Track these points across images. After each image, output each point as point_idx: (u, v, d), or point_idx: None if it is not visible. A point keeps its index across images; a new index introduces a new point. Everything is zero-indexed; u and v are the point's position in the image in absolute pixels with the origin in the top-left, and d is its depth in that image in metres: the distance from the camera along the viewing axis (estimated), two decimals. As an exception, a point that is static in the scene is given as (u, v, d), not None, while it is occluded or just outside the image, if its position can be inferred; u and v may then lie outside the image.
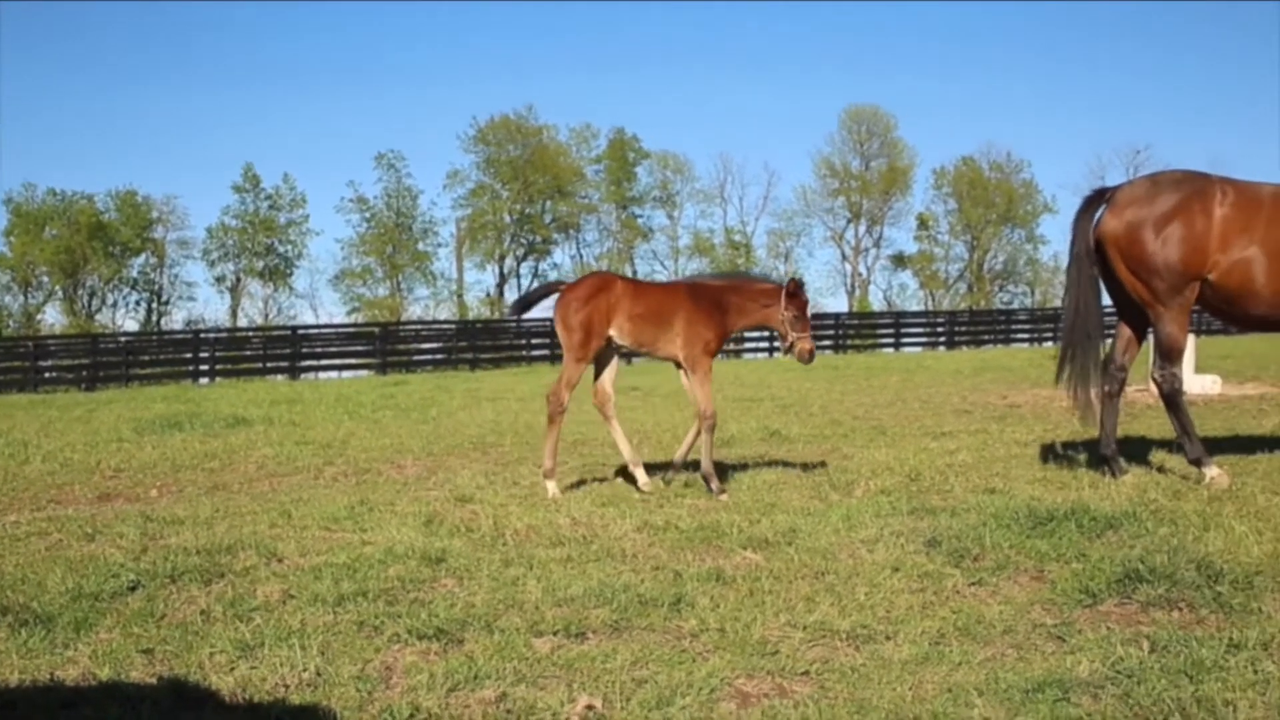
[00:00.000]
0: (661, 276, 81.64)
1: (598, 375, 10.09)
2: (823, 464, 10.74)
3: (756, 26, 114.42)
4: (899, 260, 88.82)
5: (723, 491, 9.31)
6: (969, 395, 20.21)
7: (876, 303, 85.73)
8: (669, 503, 9.03)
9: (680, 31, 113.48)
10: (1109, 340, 10.07)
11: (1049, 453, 11.04)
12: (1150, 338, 9.95)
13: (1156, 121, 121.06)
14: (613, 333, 9.67)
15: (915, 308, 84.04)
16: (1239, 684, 4.39)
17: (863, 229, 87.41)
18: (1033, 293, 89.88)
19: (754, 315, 9.98)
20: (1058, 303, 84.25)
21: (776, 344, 51.46)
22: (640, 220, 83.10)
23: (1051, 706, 4.27)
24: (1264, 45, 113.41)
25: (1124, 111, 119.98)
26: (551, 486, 9.66)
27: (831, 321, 55.60)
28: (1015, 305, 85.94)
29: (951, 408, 17.81)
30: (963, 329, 58.73)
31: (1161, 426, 10.84)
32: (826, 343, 53.03)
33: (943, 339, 55.99)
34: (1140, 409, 16.06)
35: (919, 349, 53.32)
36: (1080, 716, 4.16)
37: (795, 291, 9.78)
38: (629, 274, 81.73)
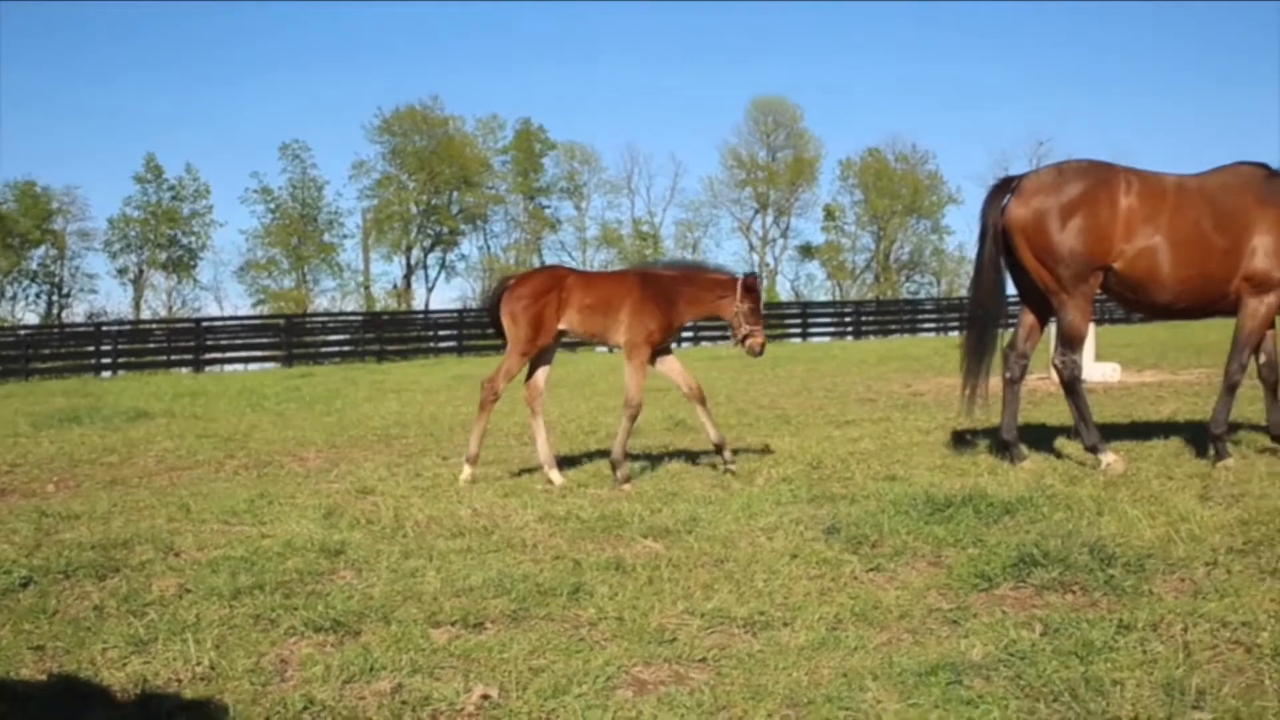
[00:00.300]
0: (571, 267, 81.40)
1: (532, 371, 10.06)
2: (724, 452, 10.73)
3: (662, 17, 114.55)
4: (806, 251, 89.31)
5: (626, 480, 9.32)
6: (873, 384, 20.39)
7: (784, 293, 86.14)
8: (572, 493, 9.02)
9: (586, 22, 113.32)
10: (1012, 328, 10.18)
11: (950, 440, 11.16)
12: (1052, 325, 10.06)
13: (1059, 113, 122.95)
14: (563, 326, 9.73)
15: (823, 298, 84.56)
16: (1128, 664, 4.45)
17: (770, 220, 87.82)
18: (939, 282, 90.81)
19: (706, 306, 9.96)
20: (963, 292, 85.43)
21: (685, 333, 51.81)
22: (548, 211, 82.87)
23: (944, 689, 4.30)
24: (1164, 38, 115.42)
25: (1027, 103, 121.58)
26: (468, 472, 9.72)
27: (739, 312, 55.67)
28: (921, 295, 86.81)
29: (856, 396, 17.96)
30: (869, 319, 59.17)
31: (1061, 413, 10.99)
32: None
33: (850, 329, 56.36)
34: (1041, 396, 16.28)
35: (827, 339, 53.68)
36: (972, 698, 4.19)
37: (751, 285, 9.82)
38: (537, 265, 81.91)
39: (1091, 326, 19.65)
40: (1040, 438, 10.91)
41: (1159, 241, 9.11)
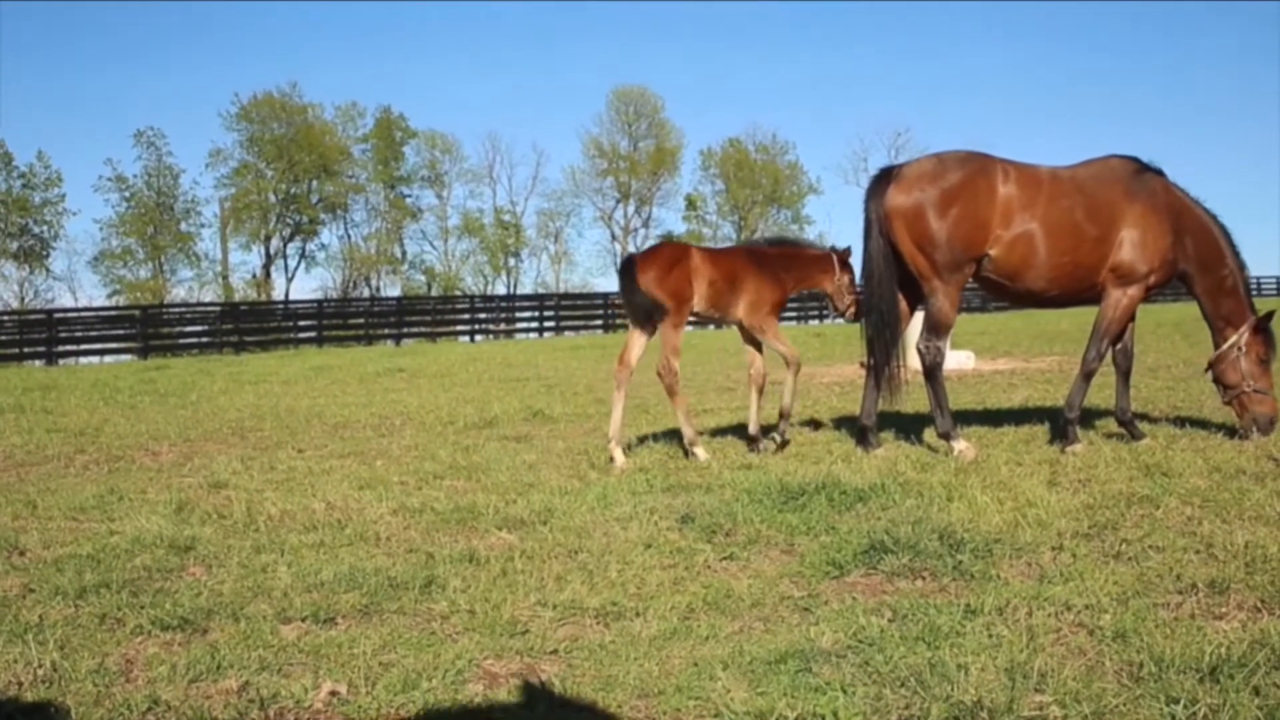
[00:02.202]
0: (431, 257, 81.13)
1: (627, 349, 10.12)
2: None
3: (523, 4, 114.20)
4: (668, 240, 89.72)
5: (785, 443, 9.98)
6: (733, 373, 20.48)
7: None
8: (427, 485, 8.93)
9: (447, 9, 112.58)
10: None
11: (806, 427, 11.25)
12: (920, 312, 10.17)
13: (917, 105, 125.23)
14: (695, 300, 9.85)
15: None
16: (973, 648, 4.50)
17: (632, 209, 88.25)
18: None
19: (811, 280, 10.51)
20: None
21: (548, 324, 51.77)
22: (409, 200, 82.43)
23: (793, 677, 4.31)
24: (1020, 31, 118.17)
25: (886, 95, 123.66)
26: (701, 454, 9.64)
27: (601, 302, 55.92)
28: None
29: (715, 385, 18.06)
30: (732, 308, 59.49)
31: (918, 401, 11.12)
32: (597, 323, 53.38)
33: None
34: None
35: (689, 328, 53.85)
36: (820, 686, 4.21)
37: (846, 259, 10.39)
38: (399, 254, 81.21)
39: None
40: (897, 424, 11.05)
41: (1035, 229, 9.29)
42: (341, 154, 77.40)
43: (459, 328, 53.05)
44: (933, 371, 9.63)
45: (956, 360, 19.56)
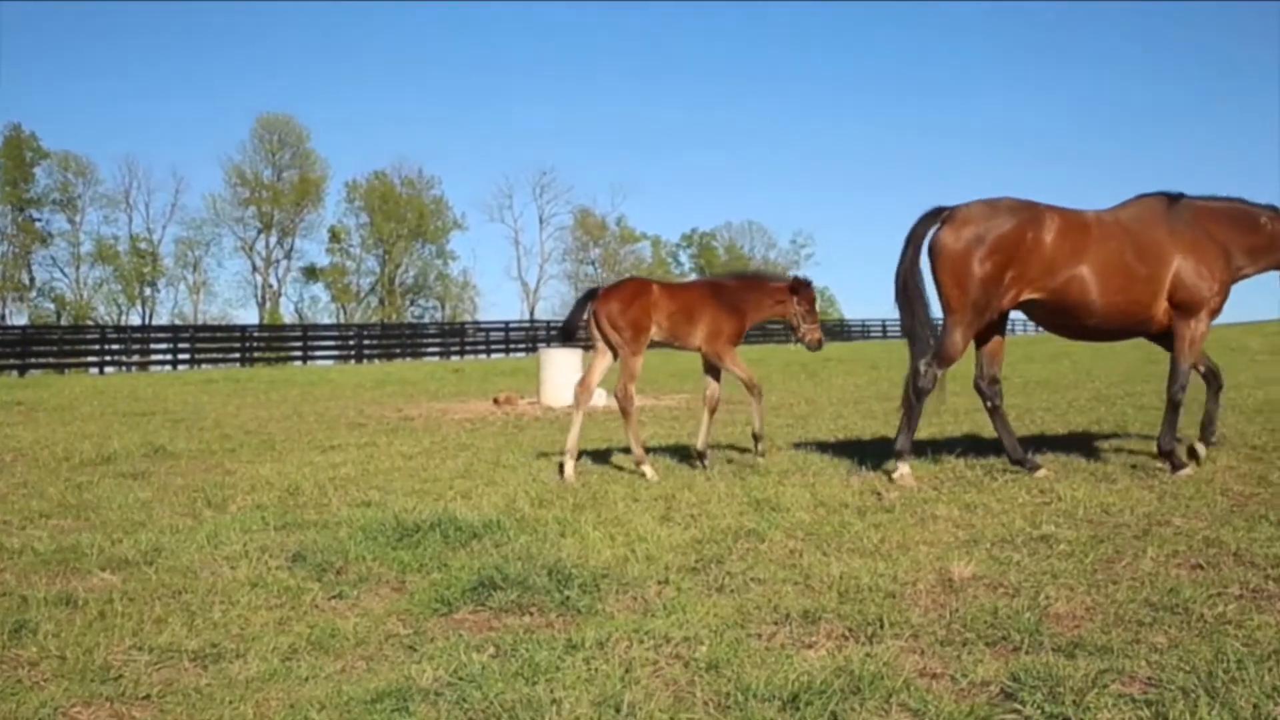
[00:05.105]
0: (61, 285, 77.52)
1: (590, 372, 10.85)
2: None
3: (167, 21, 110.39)
4: (311, 273, 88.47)
5: (763, 454, 10.90)
6: (366, 408, 20.29)
7: (288, 315, 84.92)
8: (31, 524, 8.50)
9: (84, 20, 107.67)
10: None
11: (428, 461, 11.23)
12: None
13: (558, 144, 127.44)
14: (652, 329, 10.56)
15: (327, 320, 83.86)
16: (570, 682, 4.56)
17: (274, 240, 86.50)
18: (443, 307, 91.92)
19: (768, 310, 11.14)
20: (467, 317, 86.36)
21: (183, 356, 49.96)
22: (39, 224, 78.40)
23: (389, 715, 4.28)
24: (673, 75, 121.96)
25: (530, 134, 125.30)
26: (650, 472, 10.30)
27: (239, 334, 54.54)
28: (426, 319, 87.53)
29: (346, 421, 17.80)
30: (373, 343, 59.17)
31: (606, 436, 11.23)
32: (235, 356, 52.00)
33: (353, 352, 56.08)
34: (529, 420, 16.63)
35: (330, 362, 53.23)
36: (415, 723, 4.19)
37: (800, 289, 11.04)
38: (26, 281, 77.01)
39: (579, 354, 20.37)
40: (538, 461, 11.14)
41: (1086, 271, 9.68)
42: (-35, 173, 73.11)
43: (89, 359, 50.49)
44: (920, 395, 9.96)
45: (598, 398, 19.88)
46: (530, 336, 64.85)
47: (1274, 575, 5.99)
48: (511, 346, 63.28)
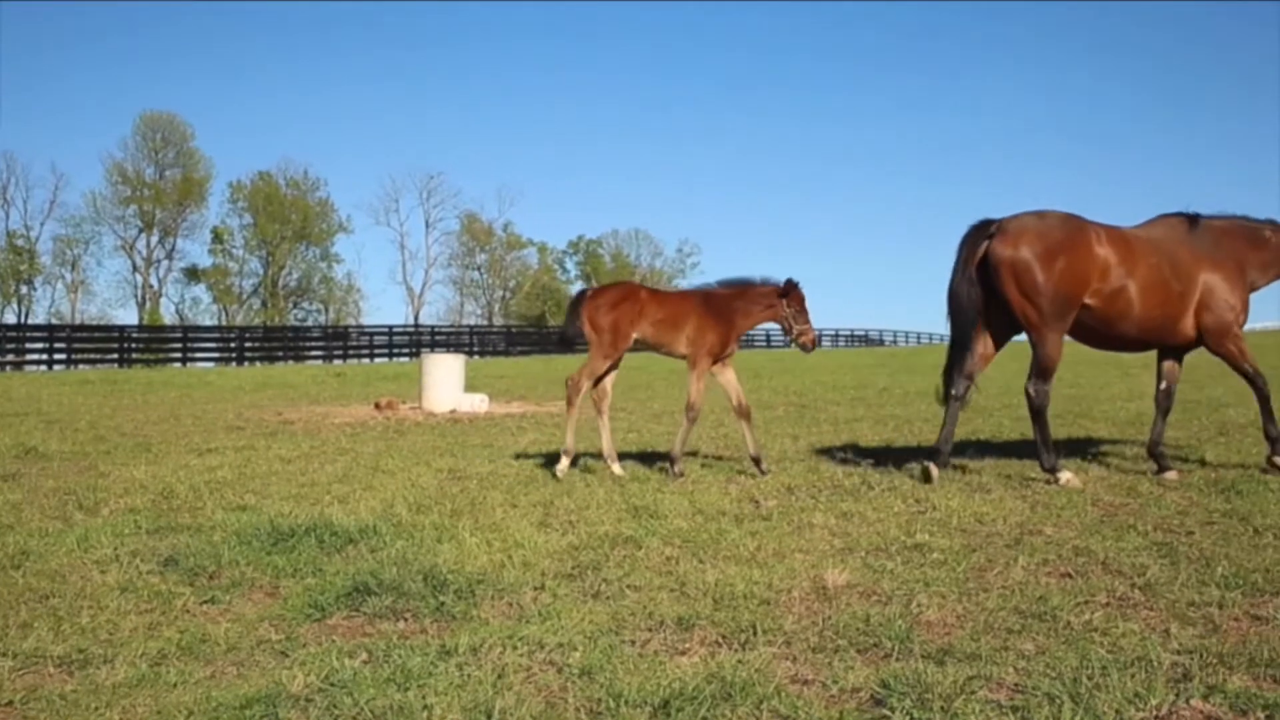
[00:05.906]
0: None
1: (602, 378, 10.97)
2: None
3: (48, 17, 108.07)
4: (193, 273, 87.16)
5: (681, 475, 10.55)
6: (245, 412, 20.04)
7: (169, 316, 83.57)
8: None
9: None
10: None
11: (307, 465, 11.12)
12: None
13: (446, 148, 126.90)
14: (638, 335, 10.73)
15: (209, 322, 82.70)
16: (442, 688, 4.55)
17: (155, 240, 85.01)
18: (327, 310, 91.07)
19: (758, 316, 11.15)
20: (351, 321, 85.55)
21: (59, 356, 48.87)
22: (-95, 223, 76.29)
23: (258, 722, 4.25)
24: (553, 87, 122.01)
25: (417, 137, 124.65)
26: (565, 463, 10.66)
27: (117, 335, 53.63)
28: (310, 322, 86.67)
29: (224, 424, 17.55)
30: (255, 345, 58.47)
31: (487, 440, 11.16)
32: (113, 357, 51.05)
33: (234, 355, 55.34)
34: (409, 425, 16.55)
35: (211, 364, 52.48)
36: (284, 730, 4.16)
37: (788, 291, 10.99)
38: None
39: (462, 360, 20.32)
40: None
41: (1130, 285, 9.99)
42: None
43: (-41, 359, 49.33)
44: (1040, 412, 10.10)
45: (470, 403, 19.85)
46: (414, 341, 64.48)
47: (1139, 584, 6.16)
48: (395, 351, 62.86)
